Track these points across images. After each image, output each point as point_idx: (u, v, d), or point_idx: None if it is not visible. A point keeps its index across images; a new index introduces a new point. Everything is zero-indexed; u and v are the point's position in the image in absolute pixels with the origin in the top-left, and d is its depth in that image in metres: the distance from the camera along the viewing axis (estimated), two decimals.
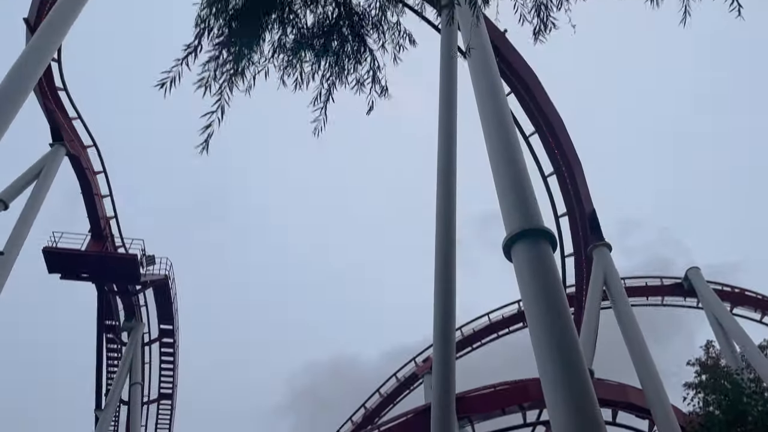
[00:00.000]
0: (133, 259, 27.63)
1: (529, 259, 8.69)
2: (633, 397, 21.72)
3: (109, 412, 29.39)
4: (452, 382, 13.18)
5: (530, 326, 8.31)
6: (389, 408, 40.90)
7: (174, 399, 35.28)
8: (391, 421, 22.38)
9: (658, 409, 18.24)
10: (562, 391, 7.30)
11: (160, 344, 33.43)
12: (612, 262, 22.71)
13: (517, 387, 22.18)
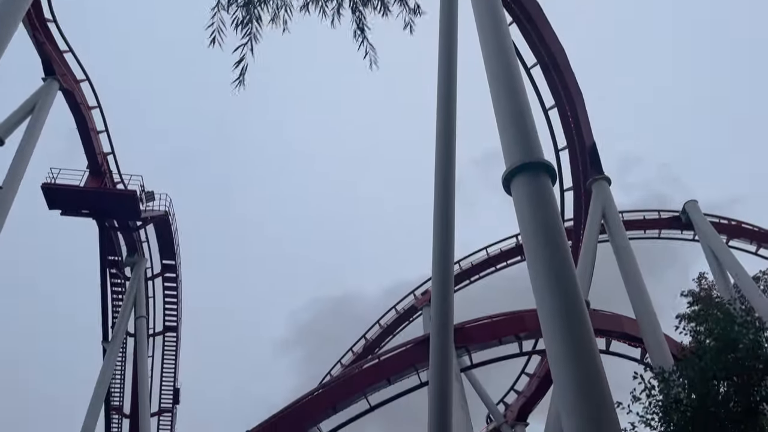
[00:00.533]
0: (133, 195, 27.67)
1: (528, 192, 8.69)
2: (627, 326, 22.30)
3: (116, 344, 30.17)
4: (450, 313, 13.44)
5: (528, 259, 8.41)
6: (389, 339, 42.01)
7: (179, 331, 36.15)
8: (391, 351, 23.02)
9: (651, 338, 18.74)
10: (558, 322, 7.46)
11: (163, 279, 33.94)
12: (611, 196, 22.78)
13: (514, 318, 22.71)
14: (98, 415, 27.74)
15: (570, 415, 6.86)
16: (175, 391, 37.36)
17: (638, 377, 9.18)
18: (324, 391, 23.08)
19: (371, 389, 22.03)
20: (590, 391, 6.95)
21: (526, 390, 36.33)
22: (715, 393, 8.74)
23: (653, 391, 9.17)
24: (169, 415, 37.75)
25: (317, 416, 22.51)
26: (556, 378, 7.49)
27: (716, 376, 8.83)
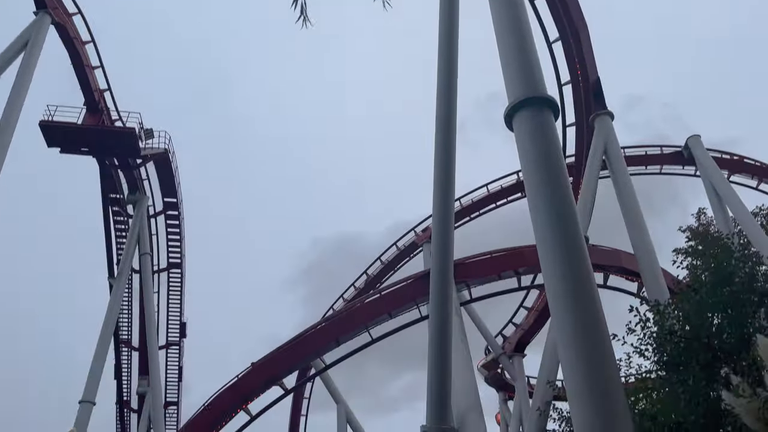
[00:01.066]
0: (132, 132, 27.46)
1: (530, 127, 8.62)
2: (625, 261, 22.59)
3: (122, 280, 30.68)
4: (450, 249, 13.60)
5: (528, 194, 8.44)
6: (390, 274, 42.61)
7: (183, 268, 36.70)
8: (392, 286, 23.44)
9: (648, 272, 19.03)
10: (557, 256, 7.56)
11: (166, 217, 34.16)
12: (613, 131, 22.59)
13: (513, 253, 22.98)
14: (108, 348, 28.52)
15: (567, 347, 7.07)
16: (181, 325, 38.32)
17: (634, 310, 9.37)
18: (327, 325, 23.67)
19: (373, 323, 22.56)
20: (587, 324, 7.13)
21: (524, 323, 37.21)
22: (709, 325, 8.95)
23: (648, 324, 9.38)
24: (177, 348, 38.85)
25: (320, 349, 23.18)
26: (553, 311, 7.66)
27: (711, 308, 9.03)
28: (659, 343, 9.17)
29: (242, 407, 23.07)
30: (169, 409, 38.43)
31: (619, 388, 6.94)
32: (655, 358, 9.38)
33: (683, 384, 8.83)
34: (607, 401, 6.48)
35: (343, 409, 43.41)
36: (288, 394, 24.61)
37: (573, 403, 6.65)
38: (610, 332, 7.86)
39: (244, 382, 22.80)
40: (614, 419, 6.27)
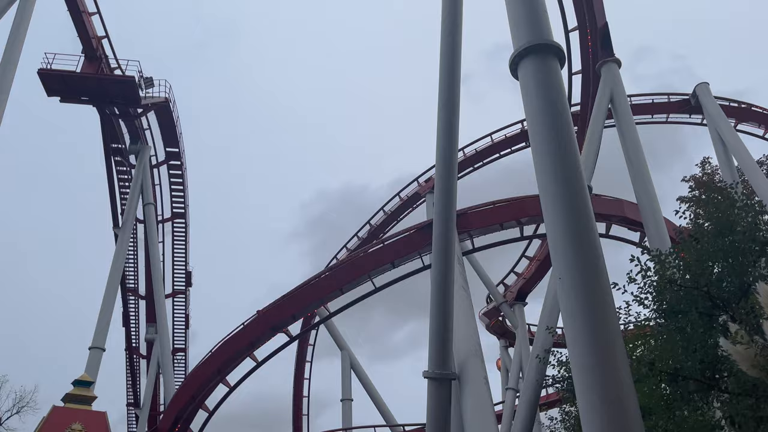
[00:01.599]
0: (131, 80, 27.13)
1: (535, 75, 8.49)
2: (628, 211, 22.58)
3: (127, 230, 30.90)
4: (453, 198, 13.62)
5: (533, 143, 8.37)
6: (393, 224, 42.79)
7: (187, 218, 36.89)
8: (395, 236, 23.54)
9: (651, 221, 19.05)
10: (560, 206, 7.57)
11: (168, 167, 34.12)
12: (620, 79, 22.19)
13: (516, 203, 22.97)
14: (115, 296, 28.98)
15: (567, 295, 7.15)
16: (187, 274, 38.80)
17: (635, 260, 9.41)
18: (331, 274, 23.91)
19: (376, 272, 22.78)
20: (588, 273, 7.19)
21: (526, 272, 37.53)
22: (710, 273, 9.00)
23: (649, 273, 9.43)
24: (183, 296, 39.43)
25: (324, 297, 23.51)
26: (555, 260, 7.72)
27: (712, 257, 9.07)
28: (659, 292, 9.24)
29: (248, 354, 23.59)
30: (177, 355, 39.32)
31: (618, 336, 7.06)
32: (654, 307, 9.48)
33: (681, 331, 8.96)
34: (606, 348, 6.61)
35: (347, 356, 44.37)
36: (293, 341, 25.10)
37: (572, 349, 6.79)
38: (611, 281, 7.94)
39: (249, 329, 23.23)
40: (613, 365, 6.41)
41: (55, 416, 19.24)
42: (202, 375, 24.15)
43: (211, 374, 23.84)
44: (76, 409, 19.69)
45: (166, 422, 25.75)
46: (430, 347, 12.85)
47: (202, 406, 25.57)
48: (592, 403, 6.17)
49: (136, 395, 41.04)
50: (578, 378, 6.58)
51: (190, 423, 26.12)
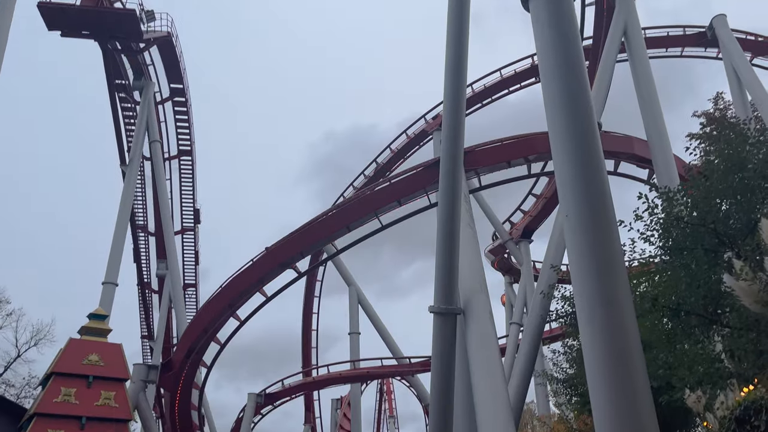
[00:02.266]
0: (132, 13, 26.58)
1: (547, 6, 8.21)
2: (637, 148, 22.33)
3: (134, 167, 30.97)
4: (461, 136, 13.48)
5: (543, 77, 8.21)
6: (400, 162, 42.61)
7: (193, 155, 36.86)
8: (402, 174, 23.46)
9: (660, 158, 18.88)
10: (569, 141, 7.49)
11: (173, 103, 33.82)
12: (635, 10, 21.50)
13: (524, 140, 22.73)
14: (125, 232, 29.37)
15: (573, 232, 7.18)
16: (195, 212, 39.15)
17: (642, 197, 9.36)
18: (338, 212, 24.03)
19: (382, 210, 22.85)
20: (595, 210, 7.19)
21: (532, 209, 37.61)
22: (717, 210, 8.97)
23: (656, 210, 9.40)
24: (192, 233, 39.91)
25: (332, 234, 23.71)
26: (562, 196, 7.71)
27: (721, 194, 9.01)
28: (665, 229, 9.24)
29: (258, 289, 24.04)
30: (188, 290, 40.19)
31: (623, 272, 7.13)
32: (660, 244, 9.50)
33: (686, 268, 9.02)
34: (610, 284, 6.68)
35: (354, 291, 45.22)
36: (301, 276, 25.50)
37: (577, 284, 6.87)
38: (618, 218, 7.94)
39: (259, 265, 23.60)
40: (616, 300, 6.50)
41: (73, 348, 19.88)
42: (213, 309, 24.73)
43: (222, 309, 24.41)
44: (93, 341, 20.32)
45: (179, 354, 26.57)
46: (436, 283, 13.04)
47: (214, 338, 26.32)
48: (595, 336, 6.30)
49: (149, 328, 42.27)
50: (582, 313, 6.69)
51: (203, 355, 26.96)
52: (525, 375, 16.76)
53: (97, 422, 18.75)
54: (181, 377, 26.42)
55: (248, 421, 41.54)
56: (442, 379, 12.28)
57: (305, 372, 47.86)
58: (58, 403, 18.47)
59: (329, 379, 44.03)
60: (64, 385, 18.87)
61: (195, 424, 29.58)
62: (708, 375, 8.76)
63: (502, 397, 11.05)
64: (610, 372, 6.08)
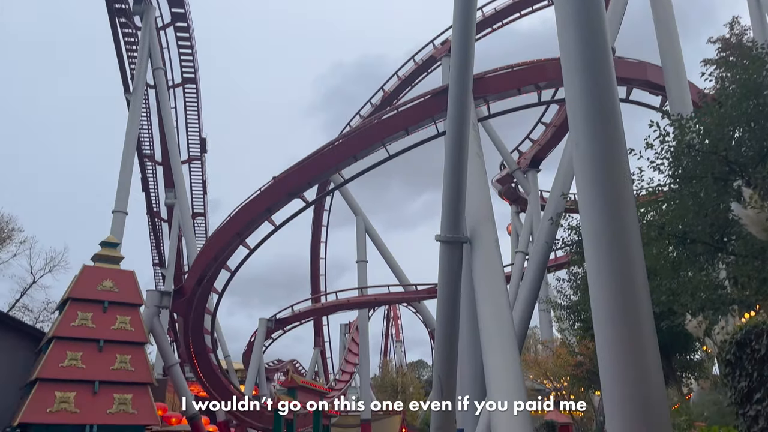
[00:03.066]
0: None
1: None
2: (651, 74, 21.78)
3: (138, 94, 30.62)
4: (470, 60, 13.16)
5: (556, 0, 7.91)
6: (407, 90, 41.90)
7: (197, 83, 36.36)
8: (410, 102, 23.10)
9: (674, 84, 18.45)
10: (581, 66, 7.29)
11: (175, 29, 33.06)
12: None
13: (535, 66, 22.21)
14: (132, 161, 29.40)
15: (583, 159, 7.12)
16: (201, 141, 39.03)
17: (654, 125, 9.20)
18: (345, 141, 23.87)
19: (390, 139, 22.66)
20: (605, 137, 7.09)
21: (541, 138, 37.22)
22: (729, 138, 8.84)
23: (667, 138, 9.27)
24: (199, 162, 39.95)
25: (339, 164, 23.64)
26: (572, 123, 7.59)
27: (734, 121, 8.85)
28: (676, 157, 9.15)
29: (266, 218, 24.26)
30: (197, 219, 40.63)
31: (631, 200, 7.11)
32: (669, 172, 9.43)
33: (694, 197, 8.99)
34: (618, 212, 6.68)
35: (361, 221, 45.62)
36: (309, 206, 25.65)
37: (585, 212, 6.87)
38: (628, 147, 7.84)
39: (266, 194, 23.71)
40: (624, 228, 6.51)
41: (87, 274, 20.29)
42: (222, 238, 25.06)
43: (231, 237, 24.73)
44: (106, 268, 20.71)
45: (190, 281, 27.17)
46: (444, 212, 13.10)
47: (224, 266, 26.82)
48: (601, 263, 6.36)
49: (160, 256, 43.07)
50: (588, 240, 6.73)
51: (214, 282, 27.56)
52: (529, 301, 17.07)
53: (114, 345, 19.39)
54: (193, 303, 27.13)
55: (259, 345, 42.97)
56: (448, 306, 12.55)
57: (314, 298, 49.07)
58: (75, 327, 19.05)
59: (337, 305, 45.18)
60: (81, 310, 19.39)
61: (208, 348, 30.62)
62: (710, 301, 8.91)
63: (507, 323, 11.32)
64: (614, 298, 6.18)
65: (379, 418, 50.63)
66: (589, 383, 17.78)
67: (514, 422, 9.29)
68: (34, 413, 17.08)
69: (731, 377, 5.14)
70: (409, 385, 69.17)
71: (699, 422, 8.87)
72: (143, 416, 18.65)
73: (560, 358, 20.95)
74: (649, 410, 5.34)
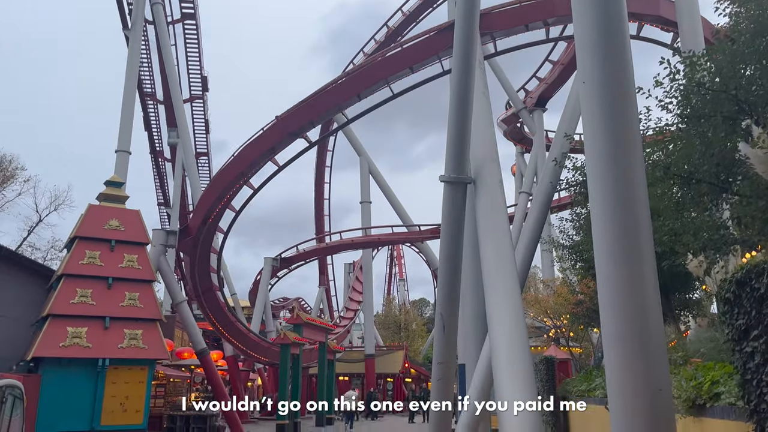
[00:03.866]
0: None
1: None
2: (663, 9, 21.18)
3: (137, 31, 29.99)
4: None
5: None
6: (412, 26, 40.90)
7: (197, 20, 35.56)
8: (414, 39, 22.57)
9: (687, 20, 17.95)
10: (592, 2, 7.07)
11: None
12: None
13: (543, 2, 21.57)
14: (134, 100, 29.10)
15: (590, 98, 6.99)
16: (203, 79, 38.49)
17: (665, 62, 9.00)
18: (347, 79, 23.48)
19: (393, 77, 22.29)
20: (614, 76, 6.94)
21: (548, 76, 36.56)
22: (741, 76, 8.66)
23: (677, 76, 9.08)
24: (201, 101, 39.53)
25: (342, 103, 23.36)
26: (580, 61, 7.42)
27: (746, 59, 8.64)
28: (685, 96, 8.99)
29: (270, 158, 24.19)
30: (201, 159, 40.56)
31: (638, 140, 7.03)
32: (678, 111, 9.29)
33: (702, 136, 8.88)
34: (624, 151, 6.62)
35: (365, 161, 45.49)
36: (312, 146, 25.53)
37: (590, 152, 6.81)
38: (636, 86, 7.68)
39: (269, 134, 23.56)
40: (629, 167, 6.47)
41: (93, 213, 20.45)
42: (225, 178, 25.08)
43: (235, 177, 24.74)
44: (112, 207, 20.85)
45: (195, 220, 27.38)
46: (448, 152, 13.00)
47: (229, 206, 26.96)
48: (605, 202, 6.35)
49: (165, 196, 43.27)
50: (593, 179, 6.69)
51: (219, 221, 27.77)
52: (532, 242, 17.18)
53: (123, 283, 19.75)
54: (198, 242, 27.43)
55: (265, 283, 43.71)
56: (451, 246, 12.64)
57: (319, 238, 49.53)
58: (84, 264, 19.36)
59: (342, 245, 45.69)
60: (89, 249, 19.66)
61: (215, 286, 31.17)
62: (712, 241, 8.96)
63: (509, 262, 11.43)
64: (616, 237, 6.21)
65: (382, 353, 52.07)
66: (589, 321, 18.13)
67: (514, 358, 9.53)
68: (47, 348, 17.59)
69: (729, 315, 5.23)
70: (411, 323, 70.77)
71: (695, 358, 9.09)
72: (154, 351, 19.21)
73: (561, 296, 21.29)
74: (647, 346, 5.46)
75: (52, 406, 17.06)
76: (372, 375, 46.11)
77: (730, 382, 5.92)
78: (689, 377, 6.99)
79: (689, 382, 6.84)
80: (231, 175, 24.78)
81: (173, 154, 39.14)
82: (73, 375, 17.74)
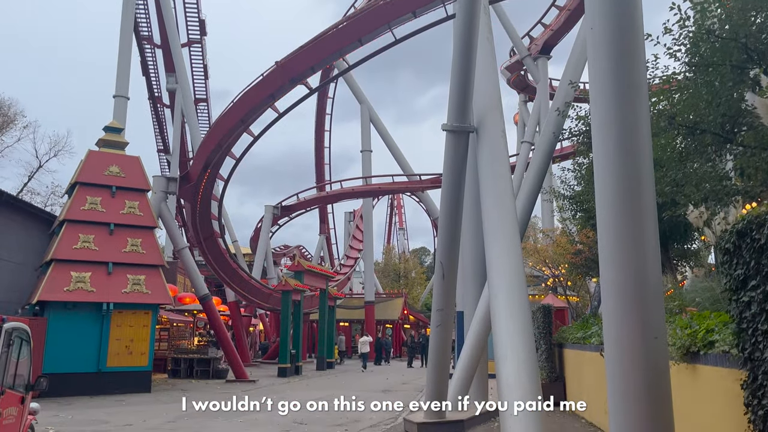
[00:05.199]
0: None
1: None
2: None
3: None
4: None
5: None
6: None
7: None
8: None
9: None
10: None
11: None
12: None
13: None
14: (131, 43, 28.56)
15: (598, 46, 6.85)
16: (201, 22, 37.66)
17: (675, 8, 8.76)
18: (348, 24, 22.96)
19: (396, 22, 21.81)
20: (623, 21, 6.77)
21: (554, 23, 35.76)
22: (751, 24, 8.47)
23: (687, 23, 8.86)
24: (199, 46, 38.77)
25: (343, 48, 22.91)
26: (588, 7, 7.23)
27: (757, 7, 8.42)
28: (694, 43, 8.80)
29: (270, 105, 23.91)
30: (200, 105, 40.09)
31: (644, 89, 6.92)
32: (686, 59, 9.12)
33: (709, 86, 8.74)
34: (629, 99, 6.53)
35: (366, 109, 44.99)
36: (312, 93, 25.18)
37: (595, 101, 6.72)
38: (645, 32, 7.51)
39: (269, 80, 23.20)
40: (634, 117, 6.39)
41: (93, 159, 20.39)
42: (226, 124, 24.85)
43: (235, 124, 24.51)
44: (112, 153, 20.78)
45: (195, 167, 27.29)
46: (450, 100, 12.83)
47: (229, 153, 26.82)
48: (609, 150, 6.31)
49: (164, 142, 42.98)
50: (597, 127, 6.63)
51: (219, 169, 27.69)
52: (533, 191, 17.15)
53: (125, 229, 19.88)
54: (199, 189, 27.42)
55: (266, 231, 43.96)
56: (452, 194, 12.63)
57: (319, 187, 49.50)
58: (85, 210, 19.43)
59: (342, 194, 45.68)
60: (90, 195, 19.69)
61: (216, 233, 31.35)
62: (714, 192, 8.95)
63: (509, 212, 11.44)
64: (619, 188, 6.19)
65: (382, 300, 52.85)
66: (587, 270, 18.31)
67: (512, 305, 9.66)
68: (51, 292, 17.84)
69: (728, 265, 5.27)
70: (411, 271, 71.54)
71: (691, 308, 9.22)
72: (157, 296, 19.49)
73: (560, 246, 21.43)
74: (645, 294, 5.53)
75: (58, 349, 17.45)
76: (372, 321, 46.92)
77: (725, 330, 6.01)
78: (684, 325, 7.10)
79: (684, 330, 6.95)
80: (231, 122, 24.55)
81: (172, 100, 38.64)
82: (78, 318, 18.08)
